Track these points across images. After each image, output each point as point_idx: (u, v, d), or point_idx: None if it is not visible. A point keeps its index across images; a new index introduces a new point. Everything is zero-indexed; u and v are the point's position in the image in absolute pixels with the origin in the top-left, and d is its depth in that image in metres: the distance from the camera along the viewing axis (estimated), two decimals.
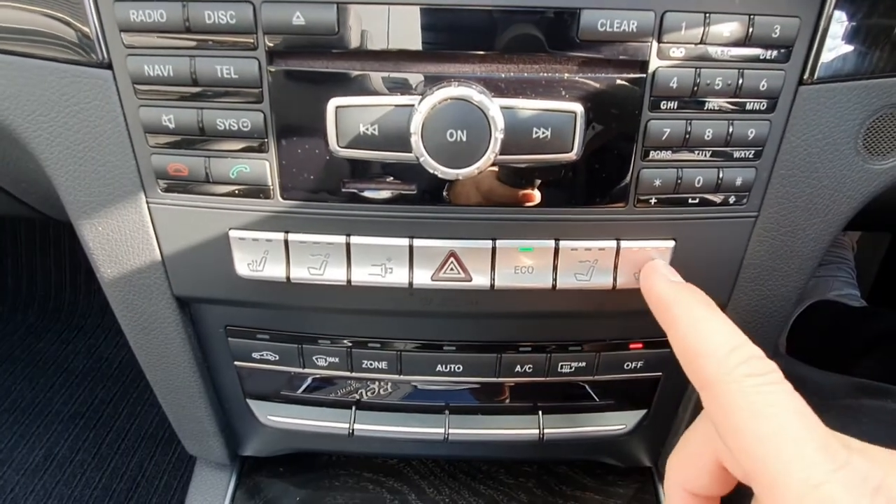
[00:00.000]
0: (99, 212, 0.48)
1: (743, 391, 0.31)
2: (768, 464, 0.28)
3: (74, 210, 0.48)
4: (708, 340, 0.34)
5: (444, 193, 0.45)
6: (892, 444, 0.30)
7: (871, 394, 0.69)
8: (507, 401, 0.60)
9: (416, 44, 0.41)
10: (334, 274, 0.47)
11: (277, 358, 0.57)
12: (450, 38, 0.41)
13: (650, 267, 0.45)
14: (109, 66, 0.42)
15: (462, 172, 0.41)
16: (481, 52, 0.41)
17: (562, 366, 0.57)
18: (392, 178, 0.44)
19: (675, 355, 0.58)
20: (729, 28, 0.40)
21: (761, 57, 0.42)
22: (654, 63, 0.41)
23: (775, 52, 0.42)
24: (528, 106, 0.41)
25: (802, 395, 0.30)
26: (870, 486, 0.26)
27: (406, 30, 0.40)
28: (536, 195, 0.45)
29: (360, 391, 0.60)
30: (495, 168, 0.44)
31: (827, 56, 0.42)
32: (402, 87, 0.41)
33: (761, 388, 0.30)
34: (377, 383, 0.60)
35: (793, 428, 0.28)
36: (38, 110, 0.44)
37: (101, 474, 1.10)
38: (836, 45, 0.42)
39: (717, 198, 0.46)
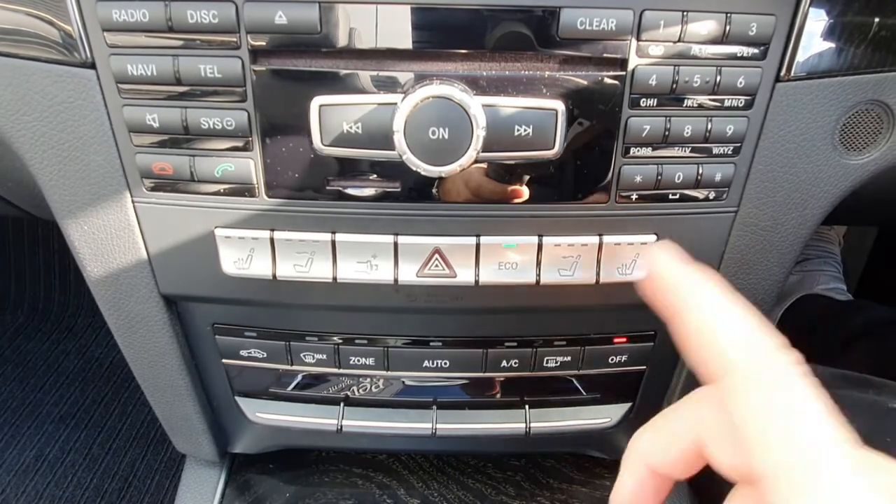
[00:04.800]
0: (84, 211, 0.48)
1: (769, 384, 0.29)
2: (794, 461, 0.27)
3: (60, 209, 0.48)
4: (732, 329, 0.32)
5: (429, 190, 0.45)
6: (872, 434, 0.30)
7: (853, 385, 0.69)
8: (494, 395, 0.61)
9: (398, 42, 0.41)
10: (320, 271, 0.48)
11: (265, 355, 0.58)
12: (431, 37, 0.41)
13: (659, 248, 0.39)
14: (93, 66, 0.42)
15: (444, 170, 0.41)
16: (463, 51, 0.42)
17: (547, 360, 0.58)
18: (376, 175, 0.45)
19: (658, 349, 0.58)
20: (706, 26, 0.41)
21: (738, 54, 0.42)
22: (634, 61, 0.41)
23: (752, 50, 0.42)
24: (509, 104, 0.42)
25: None
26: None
27: (389, 29, 0.41)
28: (519, 192, 0.45)
29: (348, 387, 0.61)
30: (478, 165, 0.44)
31: (803, 53, 0.43)
32: (385, 86, 0.42)
33: (791, 380, 0.29)
34: (365, 379, 0.60)
35: (823, 427, 0.28)
36: (22, 110, 0.44)
37: (93, 475, 1.10)
38: (812, 43, 0.43)
39: (697, 193, 0.47)
